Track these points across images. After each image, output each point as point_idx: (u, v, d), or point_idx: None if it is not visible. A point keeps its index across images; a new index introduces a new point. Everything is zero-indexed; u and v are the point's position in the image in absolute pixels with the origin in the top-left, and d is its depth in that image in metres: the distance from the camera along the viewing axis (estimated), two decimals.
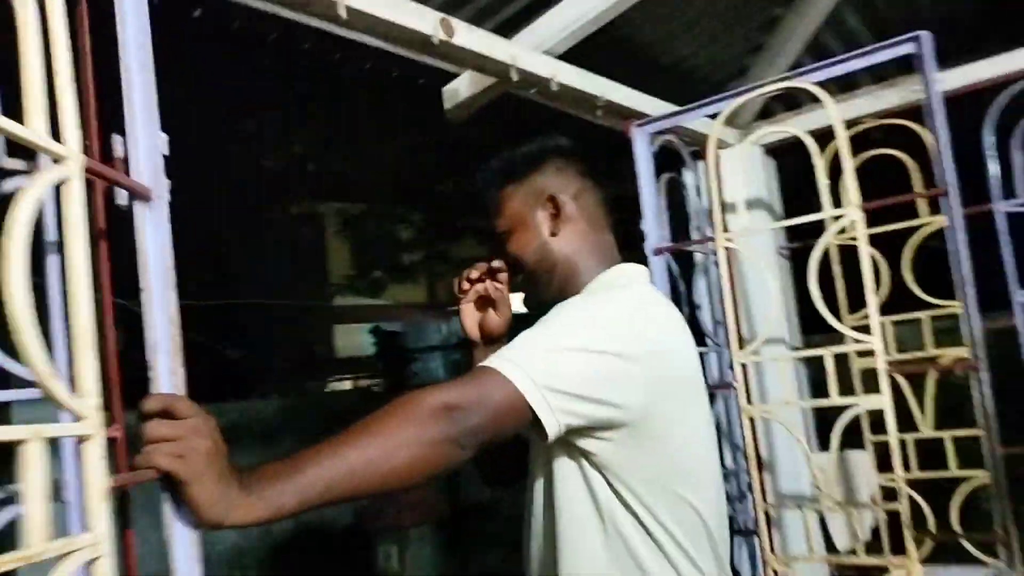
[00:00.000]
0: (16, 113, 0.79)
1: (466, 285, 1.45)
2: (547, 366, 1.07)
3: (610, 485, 1.16)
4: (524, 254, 1.33)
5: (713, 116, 2.05)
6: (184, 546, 0.88)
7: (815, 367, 2.15)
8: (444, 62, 1.75)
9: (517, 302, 1.44)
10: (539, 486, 1.26)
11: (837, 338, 1.85)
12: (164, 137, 1.01)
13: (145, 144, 0.98)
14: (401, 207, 8.51)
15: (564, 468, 1.19)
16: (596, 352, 1.10)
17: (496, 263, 1.40)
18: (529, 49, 1.82)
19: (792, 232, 2.68)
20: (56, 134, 0.80)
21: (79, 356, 0.76)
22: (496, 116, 2.15)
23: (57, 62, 0.79)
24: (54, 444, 0.80)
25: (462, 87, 1.96)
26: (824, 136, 1.96)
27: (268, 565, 5.17)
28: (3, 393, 1.11)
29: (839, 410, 1.82)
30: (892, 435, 1.73)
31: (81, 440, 0.74)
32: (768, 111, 2.63)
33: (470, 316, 1.47)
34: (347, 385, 11.31)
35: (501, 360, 1.07)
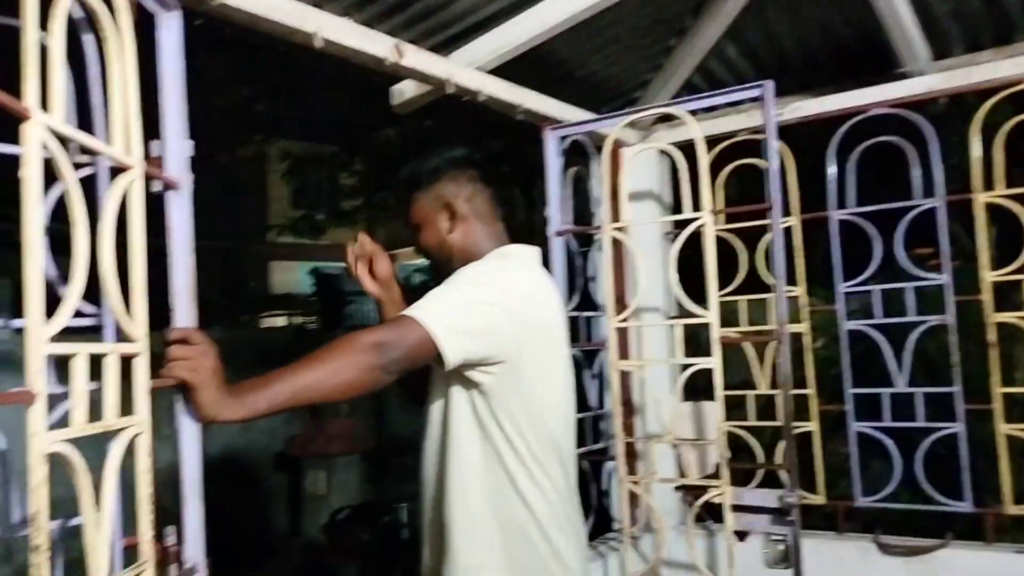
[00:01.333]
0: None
1: (352, 265, 1.94)
2: (447, 314, 1.54)
3: (490, 409, 1.63)
4: (430, 247, 1.81)
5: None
6: (190, 434, 1.33)
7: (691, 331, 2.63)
8: (394, 74, 2.17)
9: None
10: (436, 408, 1.74)
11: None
12: (190, 143, 1.43)
13: (175, 148, 1.40)
14: (344, 155, 8.77)
15: (456, 394, 1.67)
16: (482, 303, 1.58)
17: (360, 236, 1.92)
18: (463, 66, 2.26)
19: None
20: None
21: (134, 297, 1.20)
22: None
23: (129, 91, 1.21)
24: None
25: (407, 89, 2.38)
26: (713, 142, 2.44)
27: (203, 484, 5.52)
28: (83, 320, 1.49)
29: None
30: (718, 389, 2.27)
31: (132, 356, 1.18)
32: (669, 115, 3.11)
33: (366, 280, 1.95)
34: (280, 322, 11.59)
35: (416, 310, 1.54)
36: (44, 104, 1.00)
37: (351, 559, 4.38)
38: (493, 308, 1.59)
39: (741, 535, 2.52)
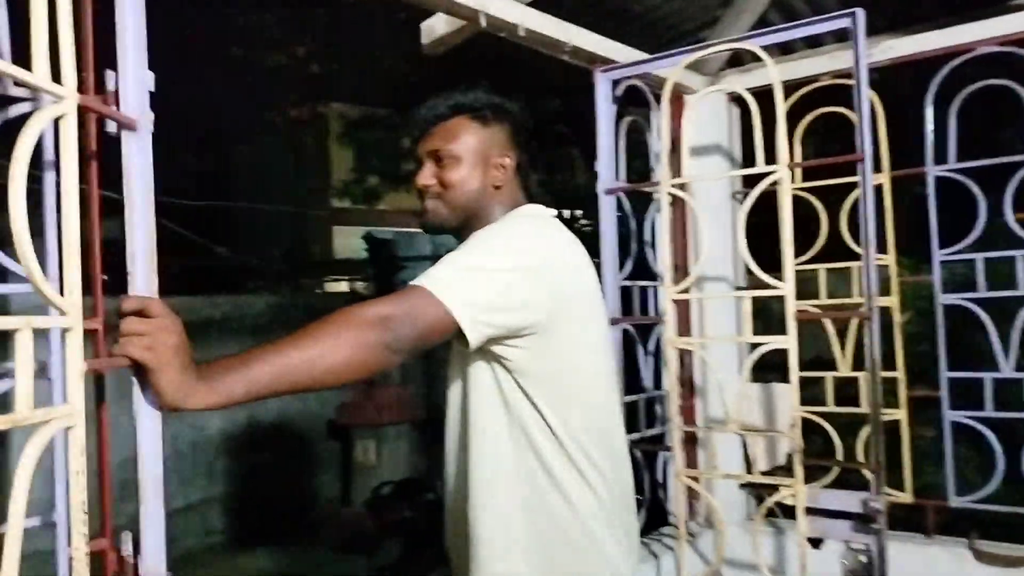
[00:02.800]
0: (24, 49, 0.97)
1: None
2: (468, 284, 1.26)
3: (519, 386, 1.36)
4: (460, 186, 1.47)
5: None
6: (148, 424, 1.09)
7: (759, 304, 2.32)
8: (417, 3, 1.88)
9: None
10: (456, 387, 1.47)
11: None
12: (151, 75, 1.18)
13: (134, 80, 1.15)
14: (398, 117, 8.55)
15: (478, 372, 1.40)
16: (507, 270, 1.30)
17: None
18: None
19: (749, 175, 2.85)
20: (57, 72, 0.98)
21: (66, 261, 0.96)
22: (495, 42, 2.26)
23: (60, 9, 0.96)
24: (44, 331, 1.00)
25: (438, 25, 2.10)
26: (791, 89, 2.10)
27: (251, 451, 5.49)
28: (3, 287, 1.31)
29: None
30: (793, 371, 1.95)
31: (64, 331, 0.94)
32: (739, 59, 2.76)
33: None
34: (343, 286, 11.56)
35: (429, 279, 1.26)
36: None
37: (393, 535, 4.21)
38: (521, 275, 1.31)
39: (816, 542, 2.20)
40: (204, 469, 5.26)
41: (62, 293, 0.94)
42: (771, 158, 1.97)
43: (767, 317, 2.38)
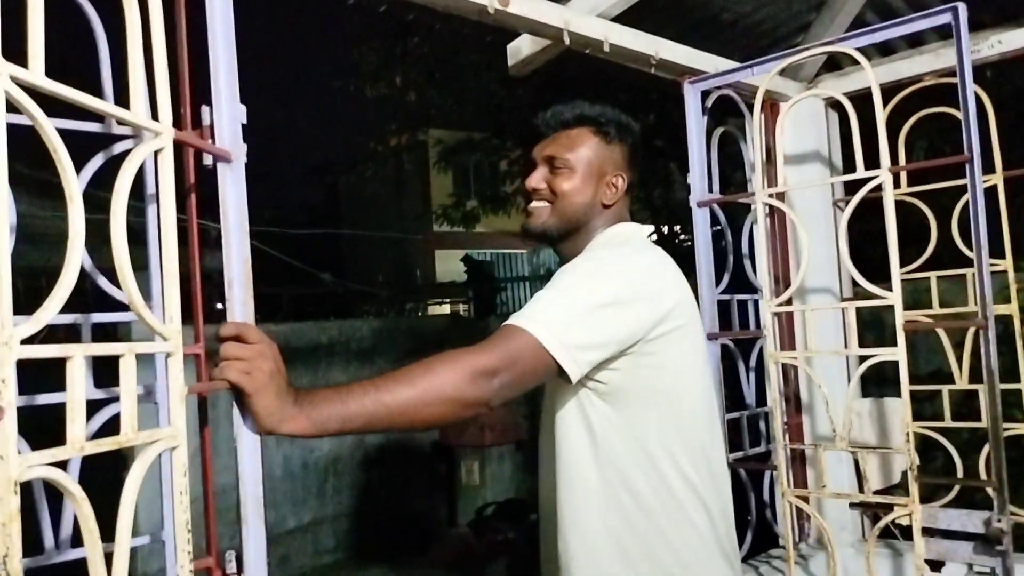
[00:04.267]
0: (125, 87, 1.03)
1: None
2: (565, 321, 1.25)
3: (608, 410, 1.33)
4: (570, 196, 1.45)
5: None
6: (248, 446, 1.12)
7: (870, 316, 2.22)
8: (502, 27, 1.90)
9: None
10: (548, 410, 1.46)
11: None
12: (243, 108, 1.23)
13: (227, 115, 1.20)
14: (495, 139, 8.64)
15: (564, 397, 1.38)
16: (607, 304, 1.28)
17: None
18: (583, 14, 1.95)
19: (851, 182, 2.74)
20: (155, 108, 1.03)
21: (167, 289, 1.00)
22: (583, 59, 2.27)
23: (156, 51, 1.01)
24: (150, 356, 1.05)
25: (523, 46, 2.11)
26: (893, 91, 2.01)
27: (360, 472, 5.62)
28: (111, 315, 1.38)
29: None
30: (904, 384, 1.85)
31: (167, 355, 0.98)
32: (835, 63, 2.66)
33: None
34: (446, 309, 11.77)
35: (526, 320, 1.25)
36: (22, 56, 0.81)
37: (497, 555, 4.21)
38: (623, 307, 1.30)
39: (935, 564, 2.08)
40: (315, 490, 5.41)
41: (164, 321, 0.98)
42: (873, 163, 1.89)
43: (879, 329, 2.27)
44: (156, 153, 1.02)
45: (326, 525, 5.43)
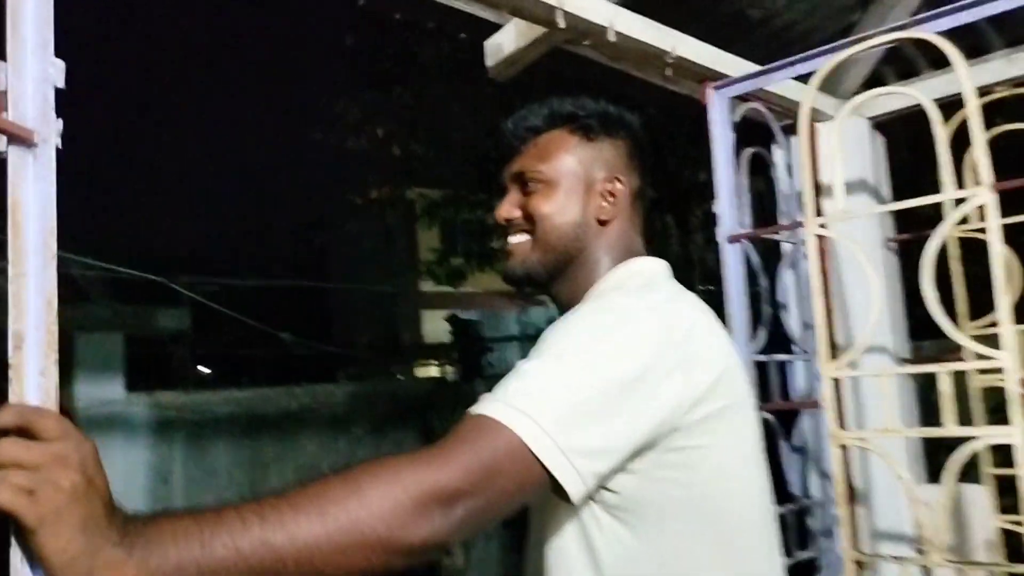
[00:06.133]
0: None
1: None
2: (564, 411, 0.78)
3: (624, 532, 0.86)
4: (552, 218, 1.02)
5: (807, 78, 1.70)
6: None
7: (923, 380, 1.79)
8: (483, 5, 1.45)
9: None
10: (534, 542, 0.97)
11: (953, 348, 1.48)
12: (60, 64, 0.79)
13: (32, 74, 0.76)
14: (482, 194, 8.32)
15: (557, 516, 0.90)
16: (622, 382, 0.81)
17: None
18: None
19: (902, 222, 2.29)
20: None
21: None
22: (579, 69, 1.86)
23: None
24: None
25: (506, 41, 1.67)
26: (943, 109, 1.59)
27: None
28: None
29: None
30: (1021, 469, 1.35)
31: None
32: (877, 79, 2.24)
33: None
34: (434, 371, 11.31)
35: (504, 407, 0.78)
36: None
37: None
38: (649, 386, 0.82)
39: None
40: None
41: None
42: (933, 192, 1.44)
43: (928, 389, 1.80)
44: None
45: None
